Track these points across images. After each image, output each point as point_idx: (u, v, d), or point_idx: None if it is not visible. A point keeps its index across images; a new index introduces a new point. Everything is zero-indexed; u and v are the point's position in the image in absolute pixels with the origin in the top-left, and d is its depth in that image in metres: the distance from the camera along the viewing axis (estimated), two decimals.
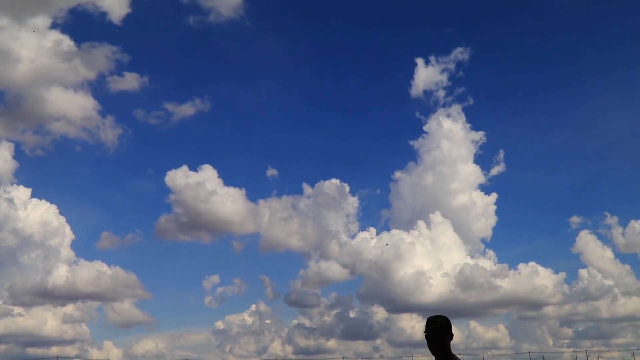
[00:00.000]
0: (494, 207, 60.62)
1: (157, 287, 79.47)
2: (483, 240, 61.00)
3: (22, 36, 61.56)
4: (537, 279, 58.04)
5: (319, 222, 63.84)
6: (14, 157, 62.70)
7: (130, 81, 68.99)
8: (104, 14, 64.90)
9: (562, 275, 61.05)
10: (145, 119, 72.17)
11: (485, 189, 62.03)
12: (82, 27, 68.66)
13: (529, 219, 77.82)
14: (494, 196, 60.93)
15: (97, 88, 68.32)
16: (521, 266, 59.74)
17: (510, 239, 77.03)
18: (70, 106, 65.60)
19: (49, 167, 73.55)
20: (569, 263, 75.40)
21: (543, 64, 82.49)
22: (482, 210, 60.40)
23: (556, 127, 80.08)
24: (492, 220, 60.70)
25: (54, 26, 63.01)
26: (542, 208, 76.88)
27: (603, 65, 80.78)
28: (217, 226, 67.46)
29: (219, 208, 63.41)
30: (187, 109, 71.90)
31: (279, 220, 65.88)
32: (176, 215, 65.65)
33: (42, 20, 62.02)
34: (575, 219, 66.05)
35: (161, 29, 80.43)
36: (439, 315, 5.79)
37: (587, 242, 61.76)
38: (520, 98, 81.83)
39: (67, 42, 62.81)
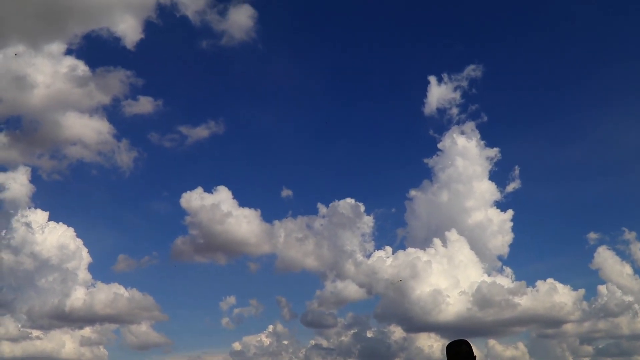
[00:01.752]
0: (510, 224, 60.30)
1: (174, 308, 79.01)
2: (500, 258, 60.57)
3: (38, 62, 62.18)
4: (556, 296, 57.53)
5: (335, 242, 63.39)
6: (31, 181, 63.08)
7: (145, 105, 69.05)
8: (117, 39, 65.00)
9: (581, 292, 60.18)
10: (160, 142, 72.14)
11: (501, 205, 61.71)
12: (96, 52, 68.98)
13: (546, 236, 77.00)
14: (510, 213, 60.67)
15: (112, 112, 68.31)
16: (539, 283, 59.11)
17: (527, 256, 75.20)
18: (85, 130, 66.05)
19: (66, 190, 73.25)
20: (587, 279, 74.24)
21: (557, 79, 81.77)
22: (499, 227, 60.19)
23: (572, 142, 79.56)
24: (509, 237, 60.35)
25: (68, 52, 63.66)
26: (559, 224, 75.77)
27: (618, 79, 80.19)
28: (233, 247, 66.67)
29: (235, 229, 63.15)
30: (201, 132, 71.68)
31: (294, 241, 65.35)
32: (192, 237, 65.66)
33: (57, 46, 62.75)
34: (592, 235, 65.07)
35: (174, 52, 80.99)
36: (462, 342, 5.71)
37: (605, 258, 60.82)
38: (534, 114, 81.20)
39: (82, 68, 63.39)
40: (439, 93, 66.20)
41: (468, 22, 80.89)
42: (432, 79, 67.23)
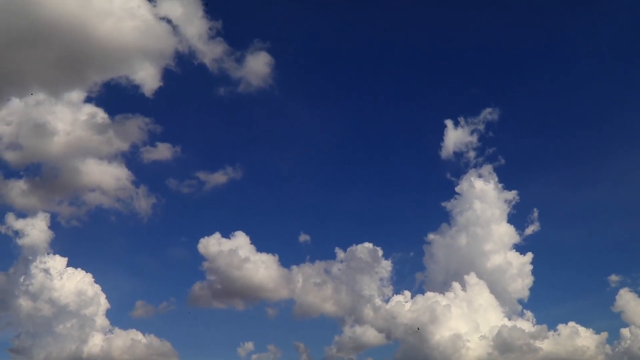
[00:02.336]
0: (530, 267, 60.35)
1: (192, 354, 77.63)
2: (520, 301, 60.40)
3: (58, 110, 63.84)
4: (578, 339, 57.07)
5: (353, 287, 63.59)
6: (50, 228, 63.46)
7: (163, 151, 70.98)
8: (136, 87, 66.72)
9: (604, 335, 59.28)
10: (178, 188, 73.47)
11: (521, 248, 61.72)
12: (115, 100, 70.24)
13: (566, 278, 75.75)
14: (529, 256, 60.69)
15: (130, 159, 69.86)
16: (561, 327, 58.86)
17: (548, 299, 73.93)
18: (104, 177, 67.35)
19: (84, 236, 73.72)
20: (610, 322, 72.37)
21: (574, 121, 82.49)
22: (518, 270, 60.08)
23: (591, 184, 79.16)
24: (529, 280, 60.22)
25: (88, 100, 65.44)
26: (579, 267, 75.04)
27: (637, 121, 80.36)
28: (251, 292, 66.93)
29: (252, 274, 63.69)
30: (218, 177, 73.27)
31: (312, 286, 65.72)
32: (210, 282, 66.08)
33: (77, 95, 64.55)
34: (614, 277, 64.94)
35: (192, 99, 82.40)
36: None
37: (627, 301, 60.47)
38: (552, 156, 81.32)
39: (101, 115, 65.19)
40: (455, 136, 67.46)
41: (484, 66, 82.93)
42: (449, 123, 68.54)
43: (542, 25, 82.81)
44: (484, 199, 61.72)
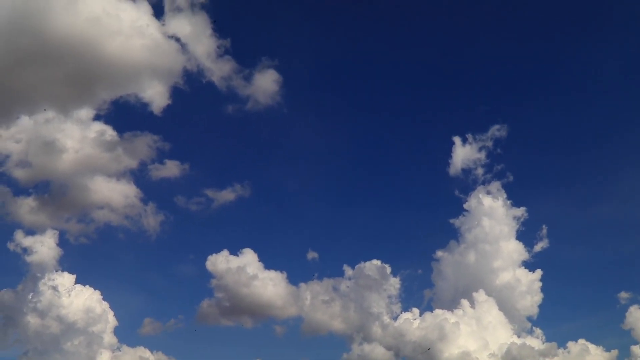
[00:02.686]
0: (539, 284, 60.18)
1: None
2: (529, 319, 60.15)
3: (67, 127, 63.98)
4: (588, 357, 56.88)
5: (361, 304, 63.29)
6: (58, 245, 63.38)
7: (171, 169, 70.97)
8: (145, 105, 67.01)
9: (615, 352, 58.73)
10: (186, 206, 73.30)
11: (529, 265, 61.58)
12: (124, 117, 70.80)
13: (576, 296, 74.93)
14: (538, 273, 60.59)
15: (139, 176, 69.81)
16: (570, 344, 58.63)
17: (557, 317, 72.84)
18: (113, 194, 67.29)
19: (92, 253, 73.40)
20: (620, 340, 71.64)
21: (583, 137, 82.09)
22: (527, 287, 59.89)
23: (600, 201, 78.60)
24: (538, 297, 60.05)
25: (97, 117, 65.59)
26: (589, 284, 74.26)
27: None
28: (259, 310, 66.45)
29: (261, 292, 63.52)
30: (227, 195, 73.02)
31: (320, 303, 65.11)
32: (218, 300, 65.85)
33: (86, 112, 64.68)
34: (624, 295, 64.17)
35: (200, 117, 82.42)
36: None
37: (637, 318, 59.76)
38: (561, 172, 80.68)
39: (109, 132, 65.37)
40: (463, 153, 67.67)
41: (491, 82, 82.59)
42: (457, 140, 68.67)
43: (551, 41, 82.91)
44: (492, 216, 61.75)
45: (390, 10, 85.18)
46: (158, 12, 62.90)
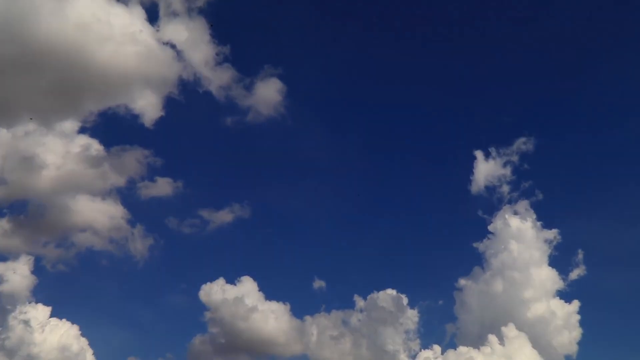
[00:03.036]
0: (578, 317, 57.01)
1: None
2: (568, 358, 56.85)
3: (49, 141, 63.15)
4: None
5: (375, 340, 60.12)
6: (33, 272, 61.56)
7: (163, 187, 69.04)
8: (135, 117, 66.32)
9: None
10: (179, 228, 70.77)
11: (565, 295, 58.66)
12: (112, 130, 69.28)
13: (619, 329, 71.47)
14: (576, 304, 57.48)
15: (126, 195, 68.16)
16: None
17: (599, 354, 68.04)
18: (97, 215, 65.47)
19: (71, 283, 70.57)
20: None
21: (619, 149, 76.82)
22: (564, 321, 56.83)
23: None
24: (577, 332, 56.86)
25: (82, 130, 64.87)
26: (634, 315, 69.03)
27: None
28: (259, 347, 63.56)
29: (261, 326, 61.26)
30: (224, 216, 70.60)
31: (328, 339, 62.00)
32: (212, 335, 62.86)
33: (70, 125, 63.92)
34: None
35: (196, 130, 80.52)
36: None
37: None
38: (596, 189, 76.26)
39: (95, 147, 64.37)
40: (487, 169, 66.59)
41: (516, 91, 79.76)
42: (479, 154, 67.22)
43: (583, 47, 79.02)
44: (520, 239, 59.17)
45: (405, 14, 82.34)
46: (152, 17, 62.93)
